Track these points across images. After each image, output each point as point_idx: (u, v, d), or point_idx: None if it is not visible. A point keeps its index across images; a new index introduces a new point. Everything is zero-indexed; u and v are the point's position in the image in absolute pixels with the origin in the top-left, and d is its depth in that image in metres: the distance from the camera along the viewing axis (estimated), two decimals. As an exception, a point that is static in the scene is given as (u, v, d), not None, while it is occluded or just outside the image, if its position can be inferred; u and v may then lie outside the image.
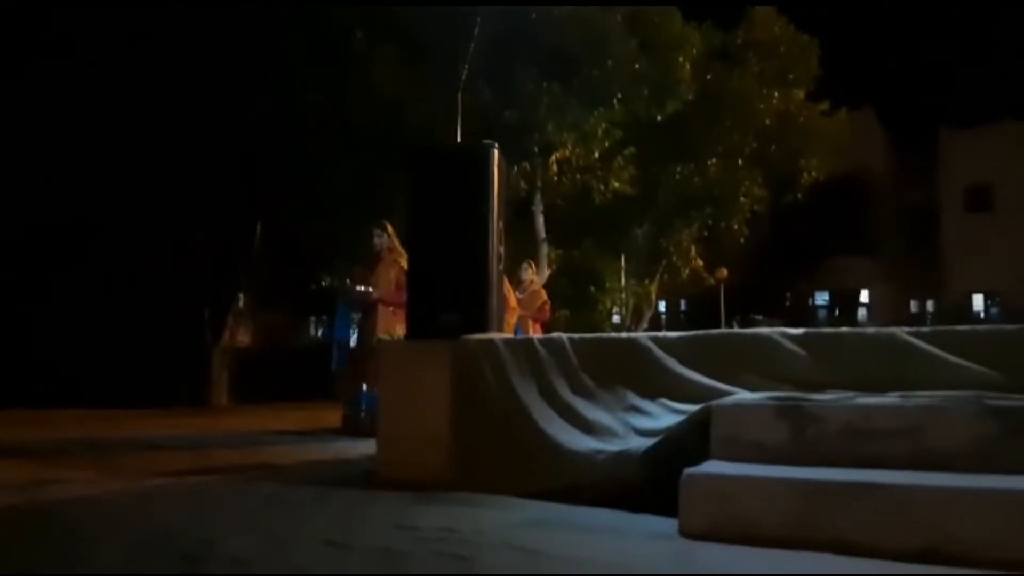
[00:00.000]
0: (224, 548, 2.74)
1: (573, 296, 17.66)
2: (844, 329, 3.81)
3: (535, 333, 9.15)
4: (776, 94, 18.09)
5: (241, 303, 15.61)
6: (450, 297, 4.46)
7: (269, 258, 15.54)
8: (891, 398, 3.14)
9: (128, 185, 12.33)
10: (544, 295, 9.89)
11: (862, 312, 34.26)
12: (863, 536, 2.62)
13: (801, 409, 3.10)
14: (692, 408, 3.54)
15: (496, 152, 4.64)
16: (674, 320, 34.14)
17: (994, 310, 31.42)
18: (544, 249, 15.25)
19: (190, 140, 12.31)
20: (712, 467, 3.03)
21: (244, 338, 16.57)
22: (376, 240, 7.80)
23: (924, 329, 3.53)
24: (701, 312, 28.78)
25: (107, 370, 11.92)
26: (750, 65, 18.19)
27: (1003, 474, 2.70)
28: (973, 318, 30.74)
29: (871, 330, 3.73)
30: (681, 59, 15.23)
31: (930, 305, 33.33)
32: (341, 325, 8.07)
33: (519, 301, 9.16)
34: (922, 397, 3.10)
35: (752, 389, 3.55)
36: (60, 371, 11.59)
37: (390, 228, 7.77)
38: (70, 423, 8.36)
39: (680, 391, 3.79)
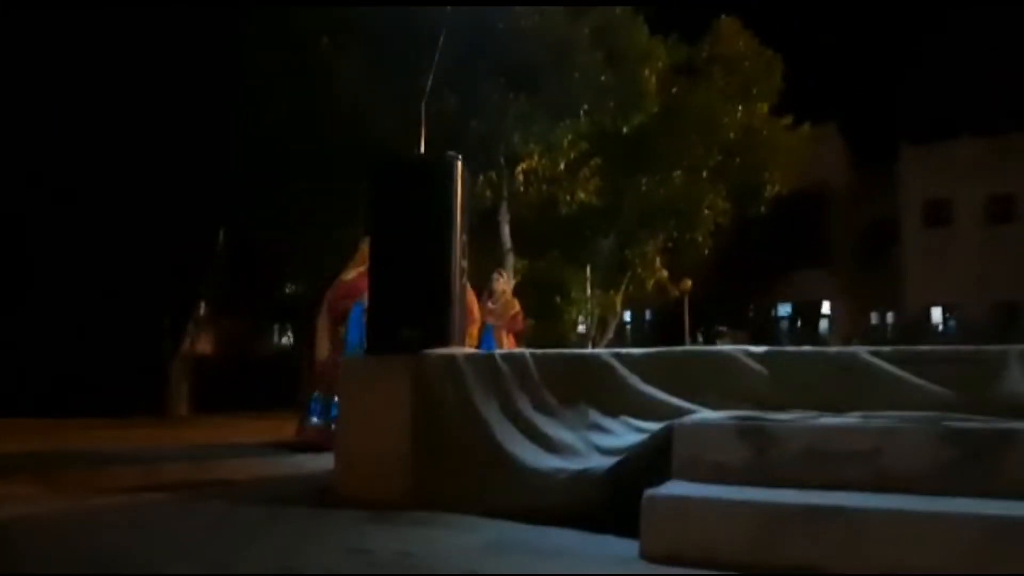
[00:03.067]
0: (168, 573, 2.65)
1: (539, 306, 17.62)
2: (806, 348, 3.80)
3: (509, 343, 9.11)
4: (740, 108, 18.25)
5: (202, 311, 15.39)
6: (412, 311, 4.39)
7: (231, 266, 15.33)
8: (852, 419, 3.13)
9: (87, 189, 12.08)
10: (517, 305, 9.81)
11: (824, 324, 34.66)
12: (823, 560, 2.60)
13: (762, 429, 3.08)
14: (654, 426, 3.51)
15: (460, 165, 4.58)
16: (639, 330, 34.25)
17: (952, 323, 31.92)
18: (510, 259, 15.21)
19: (151, 146, 12.11)
20: (673, 488, 3.00)
21: (205, 346, 16.34)
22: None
23: (885, 349, 3.53)
24: (666, 322, 28.91)
25: (62, 379, 11.62)
26: (715, 79, 18.32)
27: (962, 497, 2.70)
28: (932, 330, 31.19)
29: (832, 349, 3.73)
30: (647, 72, 15.29)
31: (890, 317, 33.75)
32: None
33: (491, 311, 9.10)
34: (882, 418, 3.09)
35: (714, 407, 3.53)
36: (13, 379, 11.27)
37: None
38: (20, 434, 8.13)
39: (642, 409, 3.75)
